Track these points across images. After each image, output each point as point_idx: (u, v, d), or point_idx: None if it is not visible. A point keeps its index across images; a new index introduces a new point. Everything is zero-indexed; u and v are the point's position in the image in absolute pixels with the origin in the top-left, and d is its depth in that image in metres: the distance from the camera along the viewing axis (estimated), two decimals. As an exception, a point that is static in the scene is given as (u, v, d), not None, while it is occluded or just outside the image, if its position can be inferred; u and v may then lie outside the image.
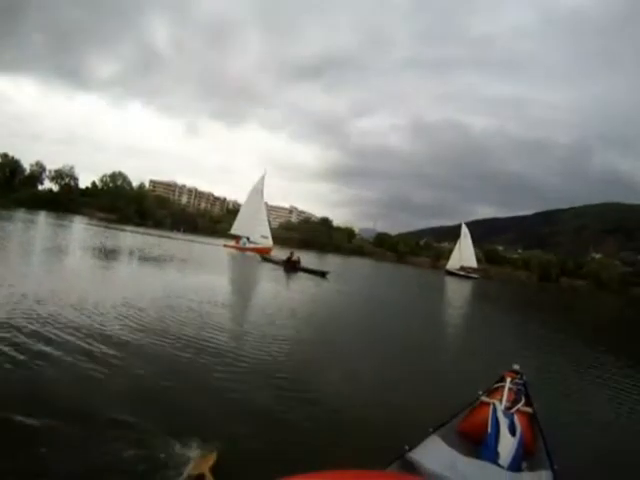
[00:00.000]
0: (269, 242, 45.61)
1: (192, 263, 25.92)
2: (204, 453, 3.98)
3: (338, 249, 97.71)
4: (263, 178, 49.49)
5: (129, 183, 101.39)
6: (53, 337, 6.94)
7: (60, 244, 24.52)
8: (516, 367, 5.58)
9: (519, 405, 4.54)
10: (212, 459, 3.82)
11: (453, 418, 4.39)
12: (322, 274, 26.56)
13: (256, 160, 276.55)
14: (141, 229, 60.92)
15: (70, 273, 15.01)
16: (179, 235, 61.59)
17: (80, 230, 42.75)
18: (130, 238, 41.17)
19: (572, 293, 56.57)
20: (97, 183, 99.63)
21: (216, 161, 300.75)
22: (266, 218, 49.16)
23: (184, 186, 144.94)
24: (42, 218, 49.08)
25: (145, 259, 23.75)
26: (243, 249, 43.23)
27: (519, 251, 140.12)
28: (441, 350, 11.14)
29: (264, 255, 36.92)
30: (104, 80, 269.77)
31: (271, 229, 50.32)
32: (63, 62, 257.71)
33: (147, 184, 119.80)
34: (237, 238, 47.01)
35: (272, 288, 19.90)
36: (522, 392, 4.93)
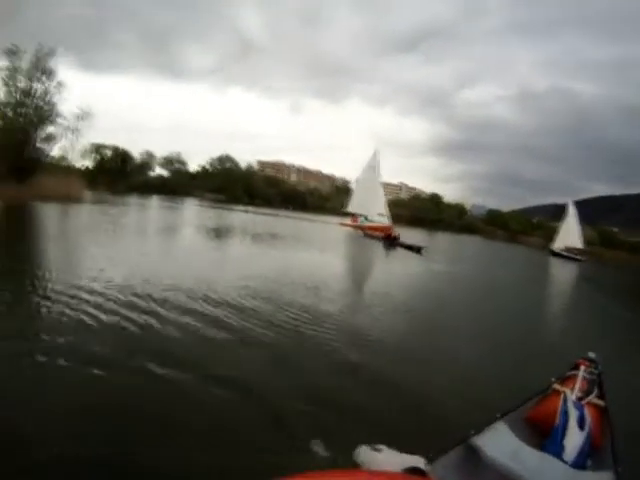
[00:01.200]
0: (386, 220, 43.24)
1: (304, 241, 26.06)
2: None
3: (449, 226, 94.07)
4: (377, 154, 46.87)
5: (237, 165, 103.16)
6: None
7: (176, 223, 27.25)
8: (592, 355, 5.27)
9: (591, 397, 4.35)
10: None
11: (522, 405, 4.26)
12: (418, 250, 27.15)
13: (362, 136, 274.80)
14: (251, 208, 62.28)
15: (190, 251, 16.10)
16: (288, 213, 61.62)
17: (192, 210, 44.89)
18: (242, 216, 42.99)
19: None
20: (206, 167, 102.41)
21: (322, 139, 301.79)
22: (382, 195, 46.44)
23: (292, 165, 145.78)
24: (155, 202, 50.65)
25: (260, 237, 24.49)
26: (361, 227, 41.78)
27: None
28: (529, 333, 10.51)
29: (367, 231, 38.31)
30: (204, 70, 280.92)
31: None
32: (161, 58, 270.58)
33: (255, 165, 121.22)
34: (354, 216, 45.34)
35: (374, 264, 21.35)
36: (596, 382, 4.68)
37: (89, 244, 14.67)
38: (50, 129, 36.10)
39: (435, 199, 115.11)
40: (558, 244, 68.21)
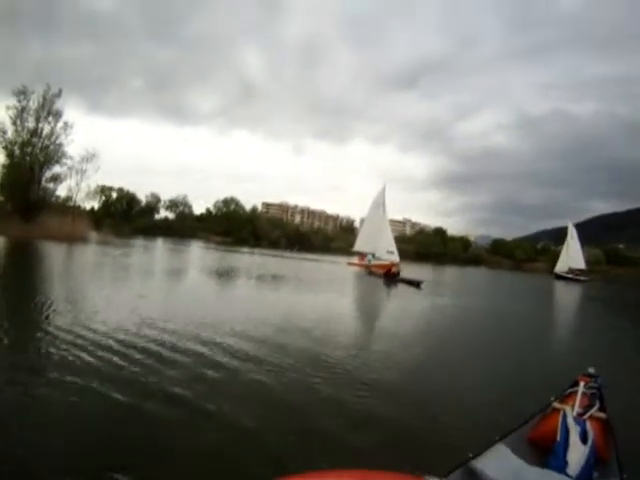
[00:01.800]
0: (395, 257, 42.35)
1: (307, 282, 24.99)
2: None
3: (454, 259, 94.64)
4: (384, 191, 46.63)
5: (242, 207, 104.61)
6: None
7: (182, 266, 26.65)
8: (591, 370, 5.33)
9: (592, 410, 4.30)
10: None
11: (522, 425, 4.20)
12: (417, 284, 26.92)
13: (365, 175, 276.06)
14: (256, 250, 62.30)
15: (192, 294, 15.66)
16: (294, 254, 60.92)
17: (197, 252, 44.79)
18: (247, 258, 42.78)
19: None
20: (211, 209, 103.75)
21: (325, 179, 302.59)
22: (390, 232, 45.71)
23: (296, 206, 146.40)
24: (160, 244, 50.87)
25: (265, 279, 23.94)
26: (368, 266, 40.48)
27: None
28: (531, 357, 10.18)
29: (370, 269, 37.68)
30: (207, 113, 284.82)
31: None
32: (166, 101, 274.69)
33: (260, 207, 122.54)
34: (361, 255, 44.72)
35: (376, 302, 20.51)
36: (597, 396, 4.65)
37: (91, 284, 14.63)
38: (56, 169, 36.99)
39: (439, 233, 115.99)
40: (561, 267, 68.07)
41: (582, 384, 4.84)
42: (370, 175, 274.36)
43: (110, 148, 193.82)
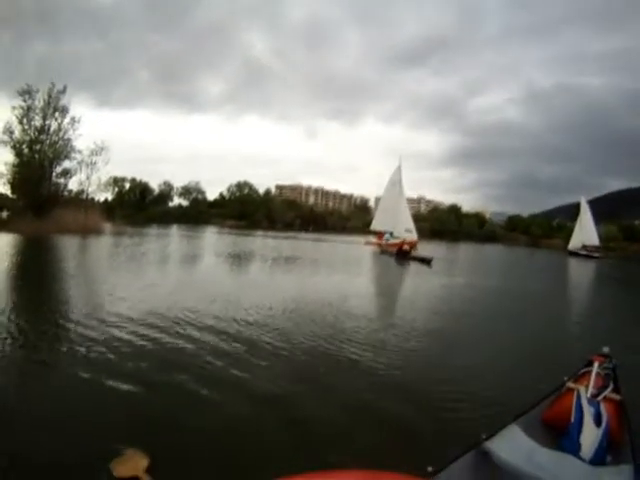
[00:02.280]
0: (414, 235, 41.88)
1: (321, 263, 25.12)
2: (136, 454, 3.76)
3: (469, 236, 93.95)
4: (399, 169, 45.91)
5: (255, 191, 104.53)
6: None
7: (196, 252, 26.86)
8: (606, 350, 5.06)
9: (607, 392, 4.17)
10: (145, 461, 3.66)
11: (535, 406, 4.17)
12: (428, 262, 27.58)
13: (377, 154, 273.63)
14: (271, 232, 62.23)
15: (210, 278, 15.78)
16: (308, 235, 61.20)
17: (212, 238, 44.77)
18: (262, 241, 42.85)
19: None
20: (224, 194, 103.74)
21: (338, 160, 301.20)
22: (408, 210, 45.52)
23: (310, 187, 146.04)
24: (175, 231, 51.16)
25: (279, 262, 23.94)
26: (387, 245, 39.67)
27: None
28: (542, 334, 10.25)
29: (383, 247, 37.92)
30: (217, 99, 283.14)
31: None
32: (173, 89, 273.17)
33: (273, 189, 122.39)
34: (379, 234, 43.99)
35: (389, 280, 21.10)
36: (611, 377, 4.50)
37: (107, 275, 14.65)
38: (66, 164, 37.46)
39: (454, 210, 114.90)
40: (574, 243, 67.72)
41: (596, 364, 4.72)
42: (382, 154, 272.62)
43: (121, 140, 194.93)
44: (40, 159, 34.71)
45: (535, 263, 43.79)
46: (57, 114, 35.70)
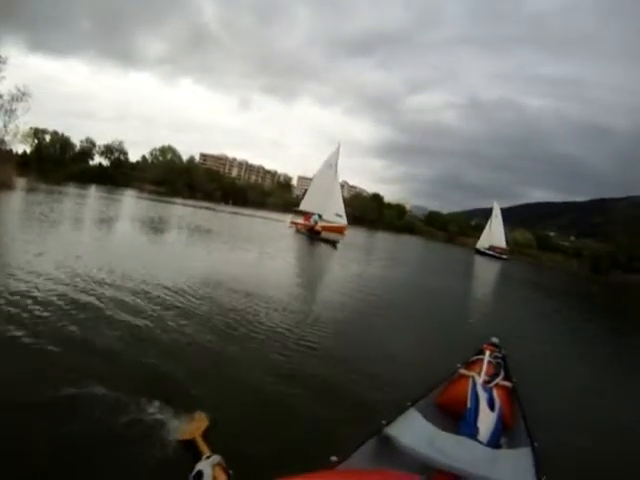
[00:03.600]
0: (343, 220, 41.58)
1: (236, 238, 25.34)
2: (195, 418, 3.98)
3: (389, 226, 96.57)
4: (337, 152, 44.57)
5: (179, 157, 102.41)
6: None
7: (111, 216, 25.37)
8: (495, 340, 5.73)
9: (498, 379, 4.59)
10: (204, 424, 3.86)
11: (431, 391, 4.40)
12: (333, 243, 29.53)
13: (308, 134, 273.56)
14: (190, 201, 61.20)
15: (124, 248, 15.05)
16: (227, 208, 60.75)
17: (129, 202, 43.30)
18: (180, 210, 41.84)
19: (619, 287, 51.74)
20: (147, 157, 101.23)
21: (268, 135, 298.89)
22: (340, 195, 44.65)
23: (234, 159, 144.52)
24: (92, 192, 49.22)
25: (192, 234, 23.69)
26: (308, 226, 38.25)
27: (572, 238, 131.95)
28: (433, 320, 11.45)
29: (298, 227, 38.15)
30: (154, 59, 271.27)
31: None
32: (112, 43, 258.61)
33: (197, 158, 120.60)
34: (306, 215, 42.27)
35: (300, 257, 22.55)
36: (501, 366, 4.96)
37: (15, 234, 13.76)
38: None
39: (376, 199, 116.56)
40: (482, 243, 71.34)
41: (488, 353, 5.20)
42: (313, 135, 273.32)
43: (50, 89, 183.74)
44: None
45: (444, 258, 46.32)
46: None
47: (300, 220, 41.19)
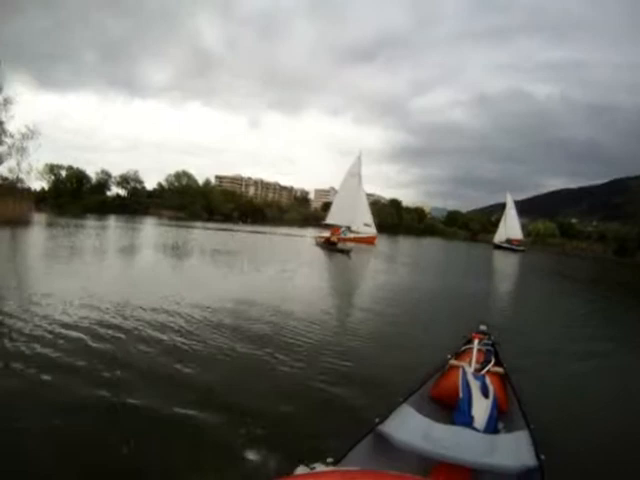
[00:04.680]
0: (373, 230, 41.13)
1: (256, 257, 24.92)
2: None
3: (409, 230, 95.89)
4: (359, 160, 43.81)
5: (194, 181, 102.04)
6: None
7: (132, 244, 25.67)
8: (483, 328, 5.75)
9: (489, 366, 4.56)
10: None
11: (422, 385, 4.32)
12: (347, 252, 29.44)
13: (320, 147, 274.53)
14: (209, 224, 60.94)
15: (147, 274, 14.93)
16: (246, 227, 60.30)
17: (150, 230, 42.99)
18: (198, 233, 41.20)
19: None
20: (163, 184, 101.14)
21: (280, 151, 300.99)
22: (366, 204, 43.91)
23: (249, 178, 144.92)
24: (112, 222, 49.00)
25: (217, 255, 23.15)
26: (343, 239, 37.33)
27: (594, 223, 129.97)
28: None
29: (317, 239, 36.24)
30: (161, 86, 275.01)
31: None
32: (117, 73, 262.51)
33: (213, 180, 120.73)
34: (334, 228, 40.61)
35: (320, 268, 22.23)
36: (492, 353, 4.94)
37: (34, 269, 13.93)
38: None
39: (394, 204, 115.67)
40: (499, 237, 70.78)
41: (476, 341, 5.11)
42: (325, 147, 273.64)
43: (61, 125, 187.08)
44: None
45: (464, 257, 44.98)
46: None
47: (327, 234, 38.33)
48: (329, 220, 43.33)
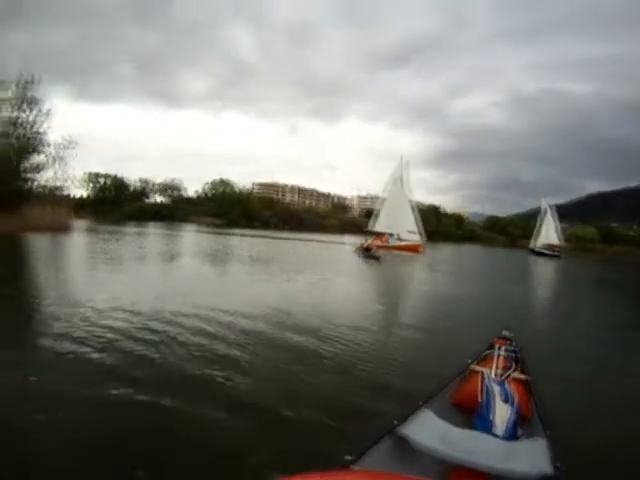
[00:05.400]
0: (417, 237, 40.04)
1: (295, 265, 24.06)
2: None
3: (448, 236, 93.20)
4: (402, 164, 42.94)
5: (233, 188, 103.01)
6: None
7: (170, 251, 26.03)
8: (506, 333, 5.70)
9: (511, 372, 4.54)
10: None
11: (443, 389, 4.27)
12: (377, 258, 29.46)
13: (358, 153, 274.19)
14: (247, 231, 60.77)
15: (190, 281, 14.85)
16: (284, 234, 59.61)
17: (189, 236, 43.62)
18: (237, 240, 41.34)
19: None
20: (202, 191, 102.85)
21: (318, 158, 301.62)
22: (410, 209, 42.48)
23: (287, 185, 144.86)
24: (151, 229, 49.73)
25: (257, 262, 23.12)
26: (384, 247, 36.51)
27: (635, 227, 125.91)
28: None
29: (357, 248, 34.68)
30: (199, 95, 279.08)
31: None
32: (154, 85, 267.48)
33: (251, 187, 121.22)
34: (381, 235, 40.12)
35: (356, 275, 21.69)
36: (513, 359, 4.90)
37: (78, 274, 14.36)
38: (36, 158, 35.74)
39: (433, 210, 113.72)
40: (537, 243, 70.68)
41: (498, 347, 5.16)
42: (363, 154, 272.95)
43: (101, 135, 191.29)
44: (9, 152, 33.01)
45: (501, 263, 43.62)
46: (27, 106, 33.99)
47: (371, 241, 36.82)
48: (376, 227, 42.63)
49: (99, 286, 11.90)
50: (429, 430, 3.23)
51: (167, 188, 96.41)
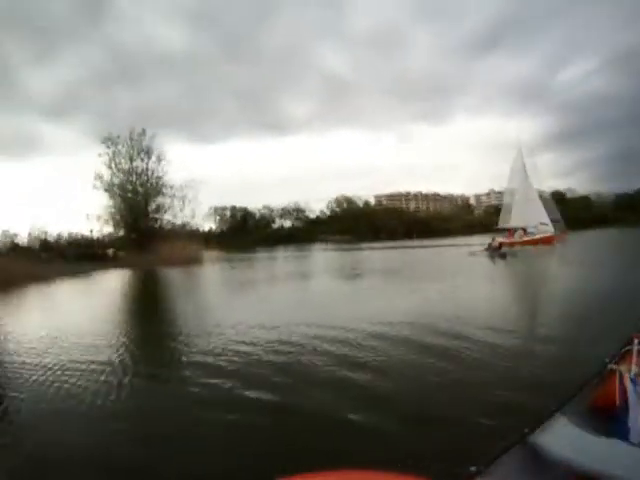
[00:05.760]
0: (550, 229, 36.92)
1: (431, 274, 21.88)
2: None
3: (575, 222, 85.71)
4: (520, 155, 40.23)
5: (355, 203, 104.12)
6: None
7: (301, 271, 26.26)
8: None
9: None
10: None
11: (577, 393, 3.68)
12: (504, 255, 27.98)
13: (472, 149, 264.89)
14: (375, 244, 60.24)
15: (328, 296, 14.95)
16: (413, 242, 58.45)
17: (319, 256, 43.85)
18: (366, 254, 40.66)
19: None
20: (325, 210, 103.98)
21: (432, 160, 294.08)
22: (538, 199, 39.84)
23: (408, 193, 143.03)
24: (280, 253, 50.98)
25: (388, 275, 21.56)
26: (521, 243, 34.73)
27: None
28: None
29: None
30: (305, 118, 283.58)
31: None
32: (260, 117, 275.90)
33: (372, 200, 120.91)
34: (509, 231, 38.36)
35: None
36: None
37: (222, 300, 15.40)
38: (160, 200, 40.39)
39: (556, 196, 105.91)
40: None
41: (637, 341, 4.28)
42: (477, 148, 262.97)
43: (220, 170, 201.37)
44: (134, 199, 37.51)
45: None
46: (142, 155, 39.03)
47: (501, 238, 34.44)
48: (502, 224, 40.42)
49: (237, 309, 12.59)
50: (563, 439, 2.86)
51: (289, 212, 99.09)
